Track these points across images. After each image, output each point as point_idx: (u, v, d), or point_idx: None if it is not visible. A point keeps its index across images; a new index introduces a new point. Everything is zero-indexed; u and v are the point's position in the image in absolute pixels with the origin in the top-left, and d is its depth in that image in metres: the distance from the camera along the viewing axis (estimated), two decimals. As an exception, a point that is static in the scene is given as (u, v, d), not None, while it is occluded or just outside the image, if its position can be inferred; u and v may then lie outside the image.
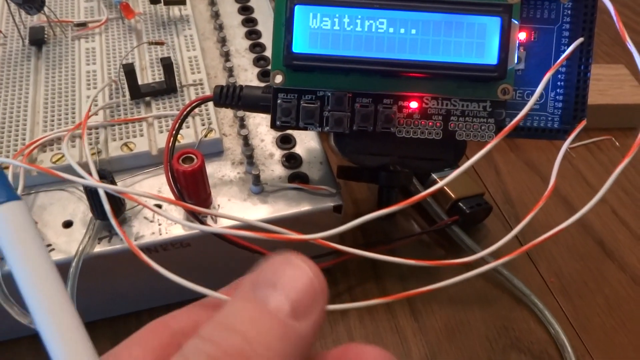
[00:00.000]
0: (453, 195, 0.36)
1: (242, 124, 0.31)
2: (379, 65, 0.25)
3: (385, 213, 0.22)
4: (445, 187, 0.37)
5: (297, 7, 0.24)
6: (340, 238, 0.32)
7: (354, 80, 0.26)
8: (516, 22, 0.25)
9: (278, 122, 0.26)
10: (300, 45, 0.25)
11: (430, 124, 0.26)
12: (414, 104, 0.26)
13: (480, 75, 0.25)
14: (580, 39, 0.26)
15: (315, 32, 0.25)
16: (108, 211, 0.23)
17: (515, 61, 0.25)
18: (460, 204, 0.36)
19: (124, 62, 0.32)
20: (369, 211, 0.39)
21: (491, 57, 0.25)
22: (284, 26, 0.25)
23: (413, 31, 0.24)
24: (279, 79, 0.26)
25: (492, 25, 0.24)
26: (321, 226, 0.30)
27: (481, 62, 0.25)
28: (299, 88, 0.26)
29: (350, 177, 0.33)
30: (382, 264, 0.34)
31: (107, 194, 0.24)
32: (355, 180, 0.33)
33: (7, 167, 0.28)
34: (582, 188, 0.42)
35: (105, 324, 0.31)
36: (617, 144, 0.44)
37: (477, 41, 0.25)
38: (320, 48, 0.25)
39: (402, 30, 0.24)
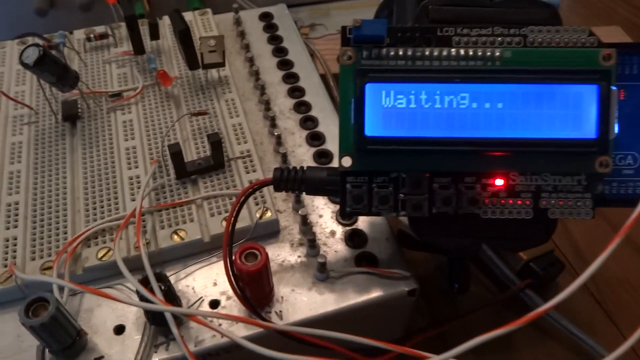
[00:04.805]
0: (524, 257, 0.33)
1: (298, 199, 0.28)
2: (463, 145, 0.22)
3: (503, 333, 0.19)
4: (514, 247, 0.34)
5: (367, 86, 0.22)
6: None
7: (431, 160, 0.23)
8: (615, 88, 0.22)
9: (349, 209, 0.23)
10: (373, 127, 0.22)
11: (519, 202, 0.23)
12: (499, 182, 0.23)
13: (578, 150, 0.22)
14: (682, 99, 0.23)
15: (389, 112, 0.22)
16: (176, 335, 0.20)
17: (617, 131, 0.22)
18: (532, 265, 0.33)
19: (167, 141, 0.29)
20: (431, 274, 0.36)
21: (589, 130, 0.22)
22: (352, 105, 0.22)
23: (499, 105, 0.22)
24: (347, 162, 0.23)
25: (588, 94, 0.22)
26: (393, 309, 0.28)
27: (578, 136, 0.22)
28: (370, 170, 0.23)
29: (413, 247, 0.30)
30: (452, 337, 0.31)
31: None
32: (419, 250, 0.30)
33: (50, 268, 0.25)
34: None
35: None
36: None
37: (572, 113, 0.22)
38: (396, 129, 0.22)
39: (487, 105, 0.22)
